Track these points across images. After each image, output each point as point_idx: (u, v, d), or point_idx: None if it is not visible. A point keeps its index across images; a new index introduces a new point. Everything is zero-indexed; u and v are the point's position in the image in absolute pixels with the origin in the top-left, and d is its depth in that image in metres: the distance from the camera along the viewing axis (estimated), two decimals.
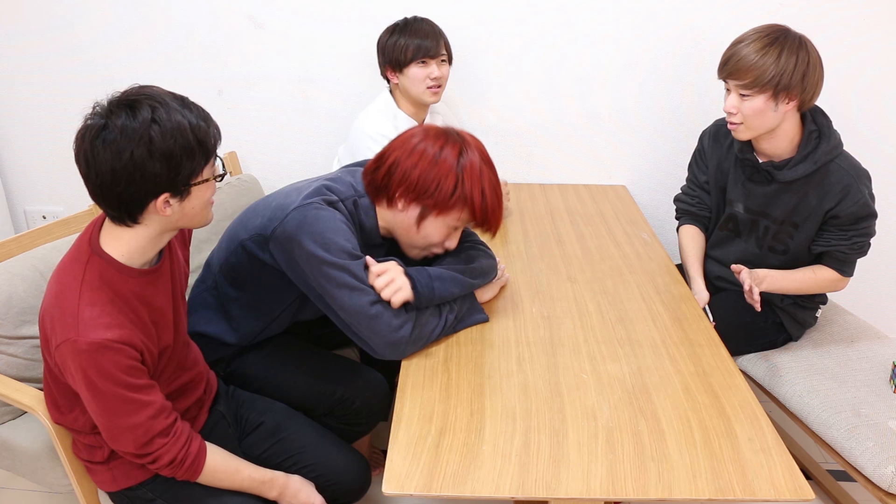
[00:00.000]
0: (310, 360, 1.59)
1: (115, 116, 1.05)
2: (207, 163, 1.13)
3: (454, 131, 1.39)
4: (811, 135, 1.60)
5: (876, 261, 2.39)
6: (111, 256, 1.15)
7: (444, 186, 1.33)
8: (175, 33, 2.22)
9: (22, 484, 1.95)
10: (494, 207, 1.38)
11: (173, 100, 1.10)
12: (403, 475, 1.07)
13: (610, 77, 2.23)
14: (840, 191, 1.58)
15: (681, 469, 1.09)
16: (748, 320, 1.78)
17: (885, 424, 1.51)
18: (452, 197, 1.34)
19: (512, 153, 2.35)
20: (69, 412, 1.25)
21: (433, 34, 1.88)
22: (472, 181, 1.34)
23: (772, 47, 1.50)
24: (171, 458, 1.18)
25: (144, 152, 1.05)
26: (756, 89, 1.52)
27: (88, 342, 1.08)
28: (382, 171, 1.37)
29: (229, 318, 1.51)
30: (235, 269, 1.46)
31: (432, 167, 1.33)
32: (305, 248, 1.30)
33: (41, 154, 2.42)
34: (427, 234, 1.40)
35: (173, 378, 1.30)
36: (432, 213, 1.37)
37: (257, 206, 1.46)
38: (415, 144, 1.35)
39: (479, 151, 1.38)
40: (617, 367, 1.34)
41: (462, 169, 1.34)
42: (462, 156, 1.35)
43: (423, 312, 1.38)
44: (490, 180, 1.37)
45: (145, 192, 1.08)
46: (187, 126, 1.08)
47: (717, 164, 1.81)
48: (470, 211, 1.37)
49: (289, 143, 2.36)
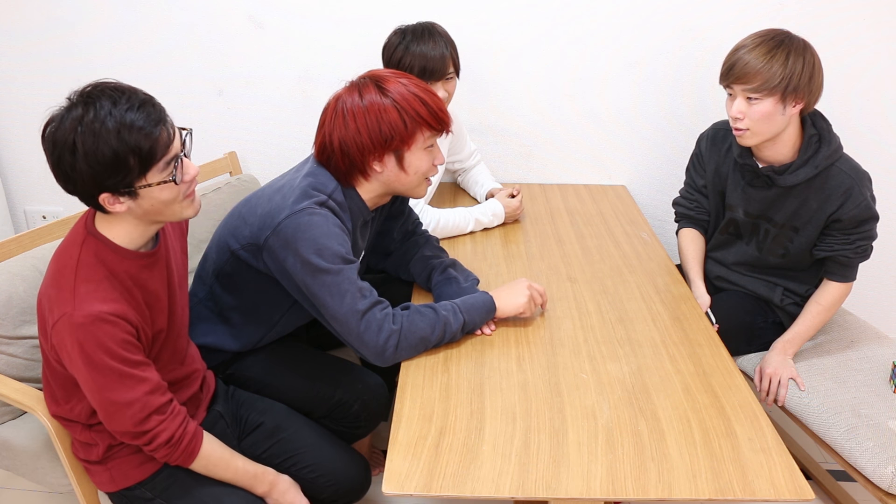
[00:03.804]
0: (308, 363, 1.59)
1: (59, 113, 1.08)
2: (149, 168, 1.09)
3: (361, 78, 1.40)
4: (811, 139, 1.60)
5: (876, 261, 2.39)
6: (106, 238, 1.16)
7: (393, 121, 1.34)
8: (175, 33, 2.22)
9: (22, 484, 1.95)
10: (438, 105, 1.38)
11: (120, 100, 1.08)
12: (403, 475, 1.07)
13: (610, 77, 2.23)
14: (842, 194, 1.58)
15: (681, 469, 1.09)
16: (748, 320, 1.78)
17: (885, 424, 1.51)
18: (406, 123, 1.35)
19: (512, 153, 2.35)
20: (66, 402, 1.25)
21: (440, 53, 1.80)
22: (405, 97, 1.35)
23: (778, 50, 1.50)
24: (169, 436, 1.19)
25: (68, 156, 1.06)
26: (765, 92, 1.50)
27: (84, 314, 1.09)
28: (337, 155, 1.37)
29: (230, 325, 1.51)
30: (231, 276, 1.45)
31: (371, 117, 1.34)
32: (300, 255, 1.29)
33: (41, 154, 2.38)
34: (416, 168, 1.41)
35: (169, 370, 1.30)
36: (404, 149, 1.37)
37: (241, 211, 1.44)
38: (342, 113, 1.35)
39: (384, 74, 1.38)
40: (617, 367, 1.34)
41: (392, 96, 1.34)
42: (379, 88, 1.35)
43: (414, 323, 1.34)
44: (415, 84, 1.37)
45: (84, 190, 1.10)
46: (114, 131, 1.05)
47: (715, 169, 1.80)
48: (426, 124, 1.37)
49: (289, 142, 2.36)
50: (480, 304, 1.42)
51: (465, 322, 1.38)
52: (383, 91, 1.35)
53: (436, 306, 1.38)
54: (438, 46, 1.80)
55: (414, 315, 1.35)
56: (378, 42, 2.18)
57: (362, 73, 1.41)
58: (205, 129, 2.31)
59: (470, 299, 1.42)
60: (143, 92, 1.12)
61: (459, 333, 1.39)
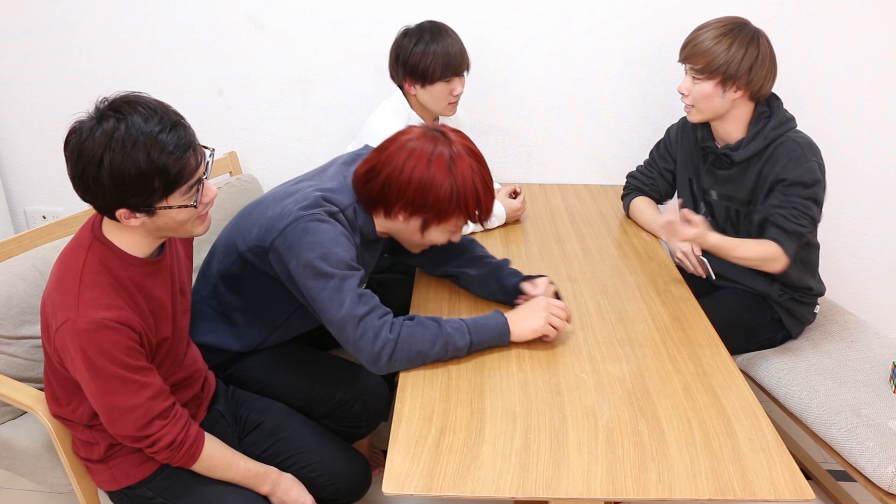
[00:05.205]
0: (309, 363, 1.59)
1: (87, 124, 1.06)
2: (173, 192, 1.09)
3: (438, 131, 1.36)
4: (761, 115, 1.68)
5: (876, 261, 2.39)
6: (113, 243, 1.16)
7: (441, 198, 1.32)
8: (175, 33, 2.22)
9: (22, 484, 1.95)
10: (488, 205, 1.38)
11: (152, 118, 1.06)
12: (403, 475, 1.07)
13: (610, 77, 2.23)
14: (789, 158, 1.62)
15: (681, 469, 1.09)
16: (746, 318, 1.78)
17: (885, 424, 1.51)
18: (450, 207, 1.34)
19: (512, 153, 2.35)
20: (67, 404, 1.25)
21: (459, 49, 1.82)
22: (465, 187, 1.33)
23: (726, 37, 1.60)
24: (170, 440, 1.19)
25: (93, 169, 1.05)
26: (706, 75, 1.62)
27: (88, 321, 1.09)
28: (376, 187, 1.35)
29: (232, 325, 1.51)
30: (237, 277, 1.45)
31: (426, 182, 1.31)
32: (303, 258, 1.28)
33: (41, 154, 2.42)
34: (432, 239, 1.41)
35: (170, 373, 1.30)
36: (433, 223, 1.37)
37: (251, 212, 1.43)
38: (404, 159, 1.33)
39: (465, 148, 1.35)
40: (617, 367, 1.34)
41: (455, 178, 1.32)
42: (452, 162, 1.32)
43: (413, 335, 1.30)
44: (481, 176, 1.36)
45: (103, 204, 1.09)
46: (144, 152, 1.04)
47: (686, 156, 1.87)
48: (467, 215, 1.36)
49: (289, 142, 2.36)
50: (492, 326, 1.37)
51: (471, 342, 1.34)
52: (451, 169, 1.32)
53: (441, 321, 1.34)
54: (456, 42, 1.83)
55: (415, 327, 1.31)
56: (378, 42, 2.19)
57: (444, 127, 1.38)
58: (205, 129, 2.31)
59: (482, 319, 1.37)
60: (175, 111, 1.11)
61: (465, 352, 1.35)
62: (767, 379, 1.73)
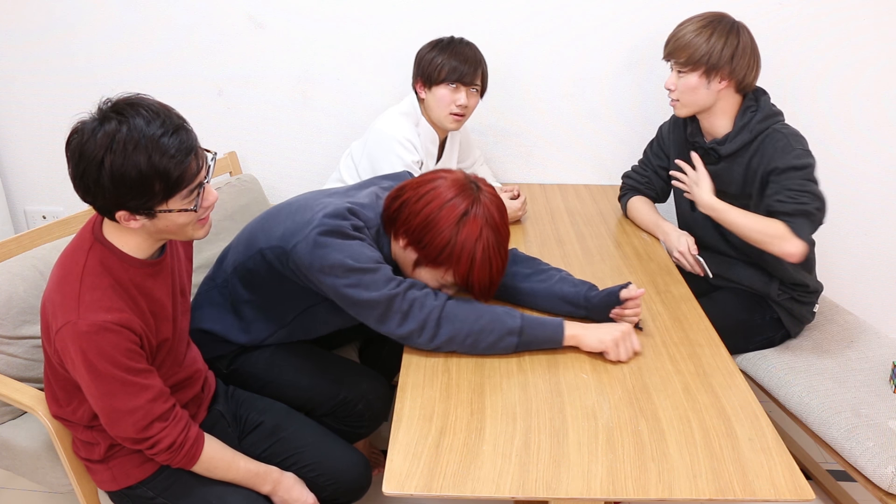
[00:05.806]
0: (313, 360, 1.59)
1: (89, 124, 1.06)
2: (173, 195, 1.09)
3: (474, 185, 1.34)
4: (747, 109, 1.70)
5: (876, 261, 2.39)
6: (113, 245, 1.16)
7: (435, 244, 1.31)
8: (175, 33, 2.22)
9: (22, 484, 1.95)
10: (482, 279, 1.33)
11: (155, 121, 1.06)
12: (403, 475, 1.07)
13: (610, 77, 2.23)
14: (775, 149, 1.63)
15: (681, 469, 1.09)
16: (745, 317, 1.79)
17: (885, 424, 1.51)
18: (440, 255, 1.32)
19: (512, 153, 2.35)
20: (67, 404, 1.25)
21: (473, 61, 1.82)
22: (464, 247, 1.30)
23: (705, 28, 1.65)
24: (170, 442, 1.19)
25: (94, 171, 1.05)
26: (690, 67, 1.66)
27: (89, 323, 1.09)
28: (395, 206, 1.36)
29: (240, 317, 1.51)
30: (252, 273, 1.45)
31: (431, 220, 1.31)
32: (329, 261, 1.28)
33: (41, 154, 2.42)
34: (421, 277, 1.39)
35: (170, 374, 1.30)
36: (423, 263, 1.36)
37: (280, 211, 1.44)
38: (428, 191, 1.32)
39: (487, 214, 1.32)
40: (617, 367, 1.34)
41: (458, 233, 1.30)
42: (463, 217, 1.30)
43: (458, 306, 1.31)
44: (486, 247, 1.31)
45: (102, 205, 1.09)
46: (145, 155, 1.04)
47: (678, 153, 1.87)
48: (455, 274, 1.34)
49: (288, 142, 2.36)
50: (547, 320, 1.36)
51: (522, 327, 1.32)
52: (459, 223, 1.30)
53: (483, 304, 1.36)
54: (474, 54, 1.84)
55: (461, 301, 1.34)
56: (377, 42, 2.19)
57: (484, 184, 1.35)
58: (205, 129, 2.31)
59: (538, 316, 1.37)
60: (177, 114, 1.10)
61: (514, 338, 1.33)
62: (767, 379, 1.73)
